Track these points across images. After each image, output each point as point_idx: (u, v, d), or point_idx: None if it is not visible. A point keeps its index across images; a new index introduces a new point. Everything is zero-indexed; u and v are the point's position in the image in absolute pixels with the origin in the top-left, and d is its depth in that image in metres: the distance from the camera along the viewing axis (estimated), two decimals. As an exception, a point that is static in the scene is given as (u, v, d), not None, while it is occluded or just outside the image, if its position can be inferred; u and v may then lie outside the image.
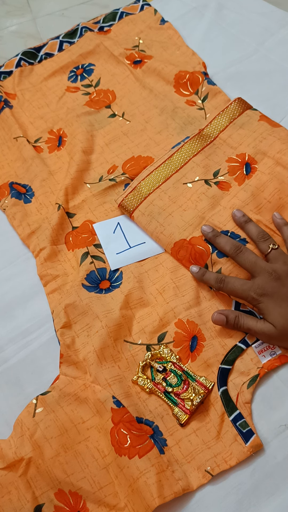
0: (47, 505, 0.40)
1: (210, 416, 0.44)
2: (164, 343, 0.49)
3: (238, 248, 0.49)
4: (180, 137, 0.65)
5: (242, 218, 0.52)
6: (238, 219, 0.52)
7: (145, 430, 0.43)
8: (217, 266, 0.51)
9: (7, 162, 0.68)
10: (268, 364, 0.46)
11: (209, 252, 0.51)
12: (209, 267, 0.51)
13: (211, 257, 0.51)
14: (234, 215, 0.53)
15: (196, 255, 0.52)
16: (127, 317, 0.50)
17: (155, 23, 0.82)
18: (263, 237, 0.50)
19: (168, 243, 0.54)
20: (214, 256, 0.51)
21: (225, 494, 0.41)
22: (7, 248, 0.59)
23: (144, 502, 0.39)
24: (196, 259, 0.52)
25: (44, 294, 0.54)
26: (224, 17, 0.82)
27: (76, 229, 0.59)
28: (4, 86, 0.77)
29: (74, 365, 0.48)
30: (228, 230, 0.53)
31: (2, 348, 0.51)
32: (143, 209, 0.56)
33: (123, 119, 0.69)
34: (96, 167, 0.64)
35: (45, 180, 0.64)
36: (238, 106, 0.63)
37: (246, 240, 0.52)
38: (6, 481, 0.41)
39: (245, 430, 0.43)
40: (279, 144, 0.58)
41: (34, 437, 0.43)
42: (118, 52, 0.76)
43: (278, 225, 0.52)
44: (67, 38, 0.82)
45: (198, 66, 0.73)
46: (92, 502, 0.41)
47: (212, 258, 0.51)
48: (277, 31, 0.78)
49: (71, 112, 0.70)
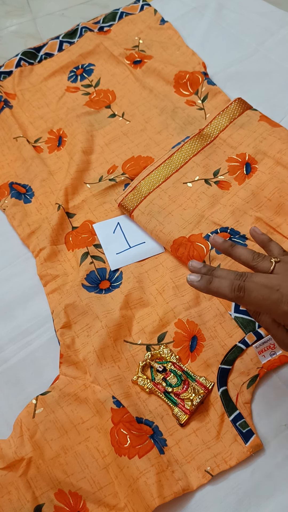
0: (47, 505, 0.40)
1: (210, 416, 0.44)
2: (164, 343, 0.49)
3: (258, 255, 0.39)
4: (180, 137, 0.65)
5: (225, 243, 0.41)
6: (220, 245, 0.41)
7: (145, 430, 0.43)
8: (215, 262, 0.51)
9: (7, 162, 0.68)
10: (268, 364, 0.46)
11: (208, 249, 0.51)
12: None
13: (210, 254, 0.51)
14: (215, 242, 0.41)
15: (195, 252, 0.52)
16: (127, 317, 0.50)
17: (155, 23, 0.82)
18: (259, 256, 0.39)
19: (168, 241, 0.54)
20: (212, 252, 0.51)
21: (225, 494, 0.41)
22: (7, 248, 0.59)
23: (144, 502, 0.39)
24: (194, 256, 0.51)
25: (44, 294, 0.54)
26: (224, 17, 0.82)
27: (76, 229, 0.59)
28: (4, 86, 0.77)
29: (74, 365, 0.48)
30: (227, 227, 0.53)
31: (2, 348, 0.51)
32: (143, 208, 0.56)
33: (123, 119, 0.69)
34: (96, 167, 0.64)
35: (45, 180, 0.64)
36: (238, 106, 0.63)
37: (246, 237, 0.52)
38: (6, 481, 0.41)
39: (245, 430, 0.43)
40: (279, 144, 0.58)
41: (34, 438, 0.43)
42: (118, 52, 0.76)
43: (262, 242, 0.42)
44: (67, 38, 0.82)
45: (198, 66, 0.73)
46: (92, 502, 0.41)
47: (210, 254, 0.51)
48: (277, 31, 0.78)
49: (71, 112, 0.70)
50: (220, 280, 0.36)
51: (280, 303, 0.34)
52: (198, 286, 0.36)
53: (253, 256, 0.39)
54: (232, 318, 0.49)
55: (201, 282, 0.36)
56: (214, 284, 0.36)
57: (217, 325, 0.48)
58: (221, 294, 0.35)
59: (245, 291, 0.34)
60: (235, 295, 0.35)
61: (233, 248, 0.40)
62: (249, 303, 0.35)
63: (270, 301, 0.34)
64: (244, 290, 0.34)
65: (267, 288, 0.34)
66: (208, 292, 0.36)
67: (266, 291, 0.34)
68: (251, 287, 0.34)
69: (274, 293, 0.34)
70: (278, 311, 0.34)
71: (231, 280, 0.35)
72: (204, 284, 0.36)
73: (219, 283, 0.35)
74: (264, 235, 0.42)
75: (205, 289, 0.36)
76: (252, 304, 0.35)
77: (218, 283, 0.35)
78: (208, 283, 0.36)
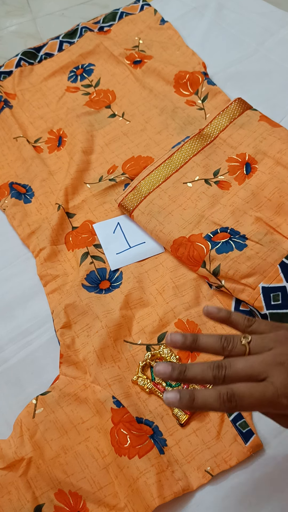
0: (47, 505, 0.40)
1: (210, 416, 0.44)
2: (164, 343, 0.48)
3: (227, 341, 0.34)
4: (180, 137, 0.65)
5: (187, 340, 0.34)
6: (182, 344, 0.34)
7: (145, 430, 0.43)
8: (215, 262, 0.50)
9: (7, 162, 0.68)
10: (268, 364, 0.46)
11: (208, 249, 0.51)
12: (207, 264, 0.51)
13: (210, 254, 0.51)
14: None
15: (195, 252, 0.51)
16: (127, 317, 0.50)
17: (155, 23, 0.82)
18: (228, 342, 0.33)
19: (168, 241, 0.53)
20: (213, 252, 0.51)
21: (225, 494, 0.41)
22: (7, 248, 0.59)
23: (144, 502, 0.39)
24: (194, 256, 0.51)
25: (44, 294, 0.54)
26: (224, 17, 0.82)
27: (76, 229, 0.58)
28: (4, 86, 0.77)
29: (74, 365, 0.48)
30: (227, 227, 0.53)
31: (2, 348, 0.51)
32: (143, 208, 0.56)
33: (123, 119, 0.69)
34: (96, 167, 0.64)
35: (45, 180, 0.64)
36: (238, 106, 0.63)
37: (246, 237, 0.52)
38: (6, 481, 0.41)
39: (245, 430, 0.43)
40: (279, 144, 0.58)
41: (34, 438, 0.43)
42: (118, 52, 0.76)
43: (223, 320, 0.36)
44: (67, 38, 0.82)
45: (198, 66, 0.73)
46: (92, 502, 0.41)
47: (210, 254, 0.51)
48: (277, 31, 0.78)
49: (71, 112, 0.70)
50: (203, 392, 0.31)
51: (277, 398, 0.30)
52: (180, 406, 0.31)
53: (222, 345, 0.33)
54: (232, 318, 0.48)
55: (183, 402, 0.31)
56: (198, 400, 0.31)
57: (217, 325, 0.48)
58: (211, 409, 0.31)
59: (237, 400, 0.30)
60: (226, 407, 0.30)
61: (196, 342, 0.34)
62: (246, 409, 0.31)
63: (267, 400, 0.31)
64: (235, 399, 0.30)
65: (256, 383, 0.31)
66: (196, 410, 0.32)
67: (257, 389, 0.31)
68: (240, 392, 0.30)
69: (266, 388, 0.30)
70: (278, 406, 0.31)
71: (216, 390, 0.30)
72: (186, 403, 0.31)
73: (203, 396, 0.31)
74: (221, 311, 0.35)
75: (191, 409, 0.31)
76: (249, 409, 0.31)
77: (202, 397, 0.31)
78: (191, 401, 0.31)
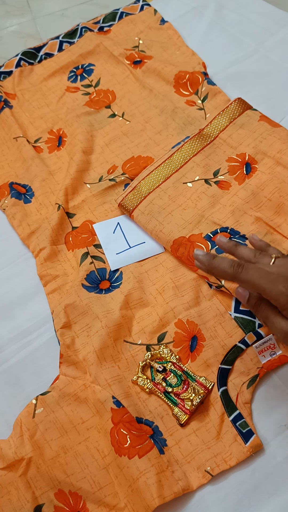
0: (47, 505, 0.40)
1: (210, 416, 0.44)
2: (164, 343, 0.49)
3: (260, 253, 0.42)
4: (180, 137, 0.65)
5: (230, 243, 0.43)
6: (225, 244, 0.44)
7: (145, 430, 0.43)
8: None
9: (7, 162, 0.68)
10: (268, 364, 0.46)
11: (208, 249, 0.51)
12: None
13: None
14: (219, 241, 0.44)
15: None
16: (127, 317, 0.50)
17: (155, 23, 0.82)
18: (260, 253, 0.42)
19: (168, 241, 0.54)
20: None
21: (225, 494, 0.41)
22: (7, 248, 0.59)
23: (144, 502, 0.39)
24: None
25: (44, 294, 0.54)
26: (224, 17, 0.82)
27: (76, 229, 0.59)
28: (4, 86, 0.77)
29: (74, 365, 0.48)
30: (227, 227, 0.53)
31: (2, 348, 0.51)
32: (143, 208, 0.56)
33: (123, 119, 0.69)
34: (96, 167, 0.64)
35: (45, 180, 0.64)
36: (238, 106, 0.63)
37: (245, 237, 0.52)
38: (6, 481, 0.41)
39: (245, 430, 0.43)
40: (279, 144, 0.58)
41: (34, 438, 0.43)
42: (118, 52, 0.76)
43: (261, 248, 0.44)
44: (67, 38, 0.82)
45: (198, 66, 0.73)
46: (92, 502, 0.41)
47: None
48: (277, 31, 0.78)
49: (71, 112, 0.70)
50: (223, 259, 0.39)
51: (277, 283, 0.36)
52: (202, 259, 0.39)
53: (254, 254, 0.41)
54: (232, 318, 0.49)
55: (205, 257, 0.39)
56: (216, 260, 0.39)
57: (217, 325, 0.48)
58: (220, 270, 0.38)
59: (243, 268, 0.37)
60: (233, 270, 0.37)
61: (236, 247, 0.43)
62: (246, 280, 0.37)
63: (267, 280, 0.36)
64: (243, 268, 0.37)
65: (265, 270, 0.37)
66: (209, 267, 0.39)
67: (263, 271, 0.37)
68: (249, 266, 0.37)
69: (271, 273, 0.37)
70: (274, 290, 0.36)
71: (233, 260, 0.38)
72: (207, 259, 0.39)
73: (221, 260, 0.39)
74: (262, 241, 0.45)
75: (207, 263, 0.39)
76: (248, 281, 0.37)
77: (220, 260, 0.39)
78: (211, 258, 0.39)
